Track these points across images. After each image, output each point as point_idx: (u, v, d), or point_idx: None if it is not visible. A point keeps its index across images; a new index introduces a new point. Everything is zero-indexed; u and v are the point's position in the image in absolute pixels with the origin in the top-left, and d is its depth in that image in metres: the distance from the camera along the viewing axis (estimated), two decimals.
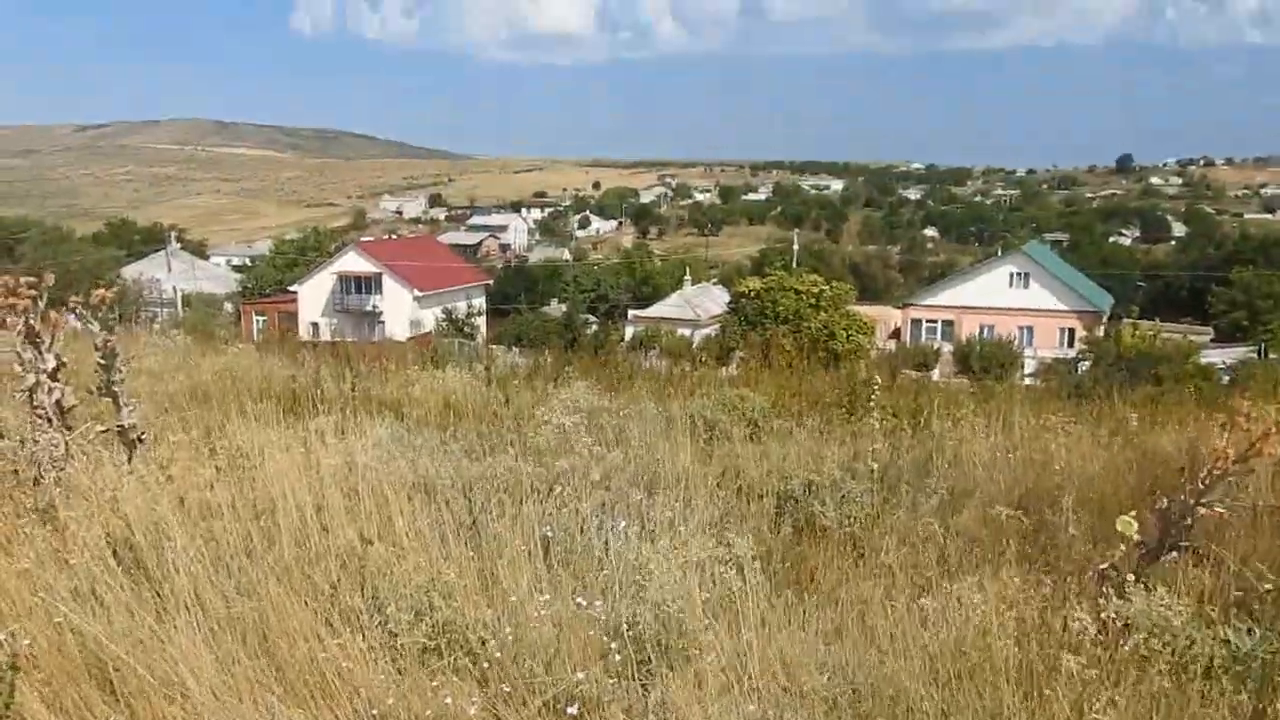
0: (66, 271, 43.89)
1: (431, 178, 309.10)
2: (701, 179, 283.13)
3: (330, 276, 67.66)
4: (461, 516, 5.06)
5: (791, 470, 6.08)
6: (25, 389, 5.31)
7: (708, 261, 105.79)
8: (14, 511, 4.53)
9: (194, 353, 12.39)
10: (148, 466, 5.38)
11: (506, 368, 10.72)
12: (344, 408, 8.00)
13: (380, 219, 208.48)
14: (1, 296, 5.19)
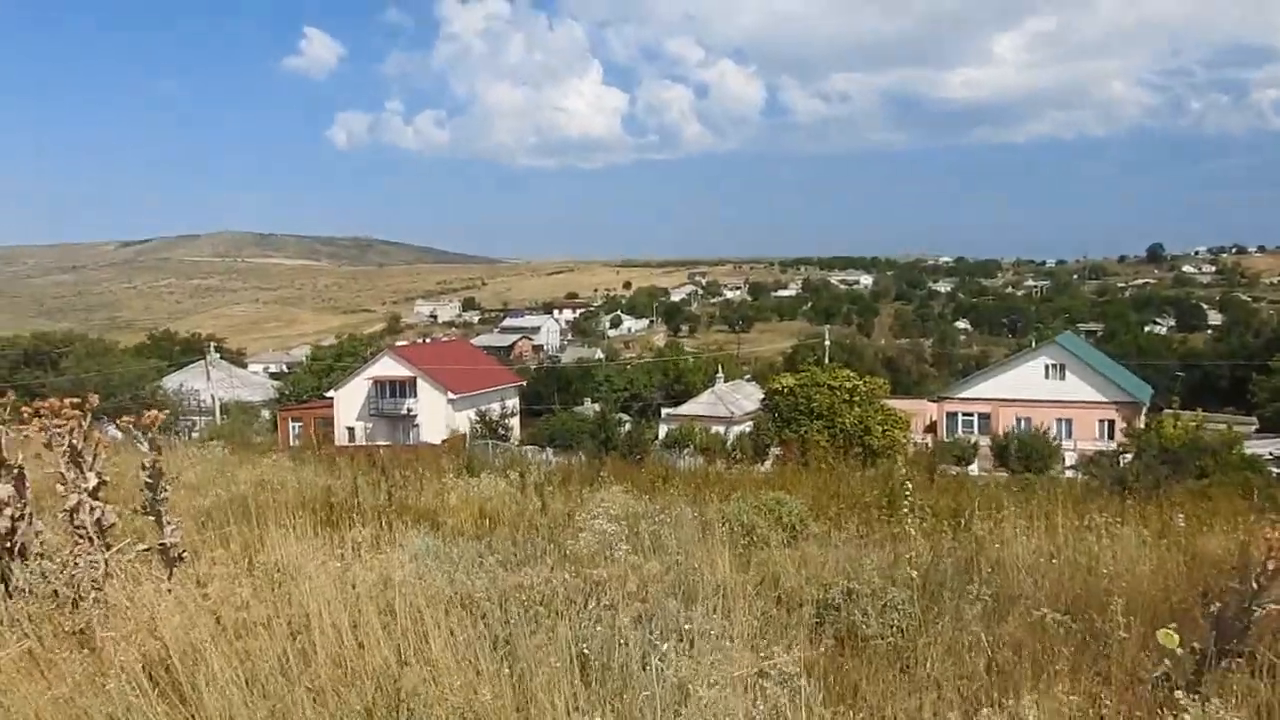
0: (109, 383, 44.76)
1: (464, 282, 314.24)
2: (731, 276, 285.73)
3: (365, 381, 68.43)
4: (498, 631, 5.00)
5: (831, 577, 5.98)
6: (67, 509, 5.36)
7: (739, 358, 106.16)
8: (53, 634, 4.54)
9: (231, 464, 12.50)
10: (186, 585, 5.39)
11: (540, 472, 10.70)
12: (380, 518, 8.01)
13: (414, 323, 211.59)
14: (47, 418, 5.29)
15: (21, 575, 5.40)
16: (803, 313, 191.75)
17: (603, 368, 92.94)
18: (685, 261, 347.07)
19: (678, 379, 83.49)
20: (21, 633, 4.53)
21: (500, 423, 63.79)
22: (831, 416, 45.87)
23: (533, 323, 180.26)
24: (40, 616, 4.73)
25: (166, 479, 5.69)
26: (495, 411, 65.81)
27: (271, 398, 77.45)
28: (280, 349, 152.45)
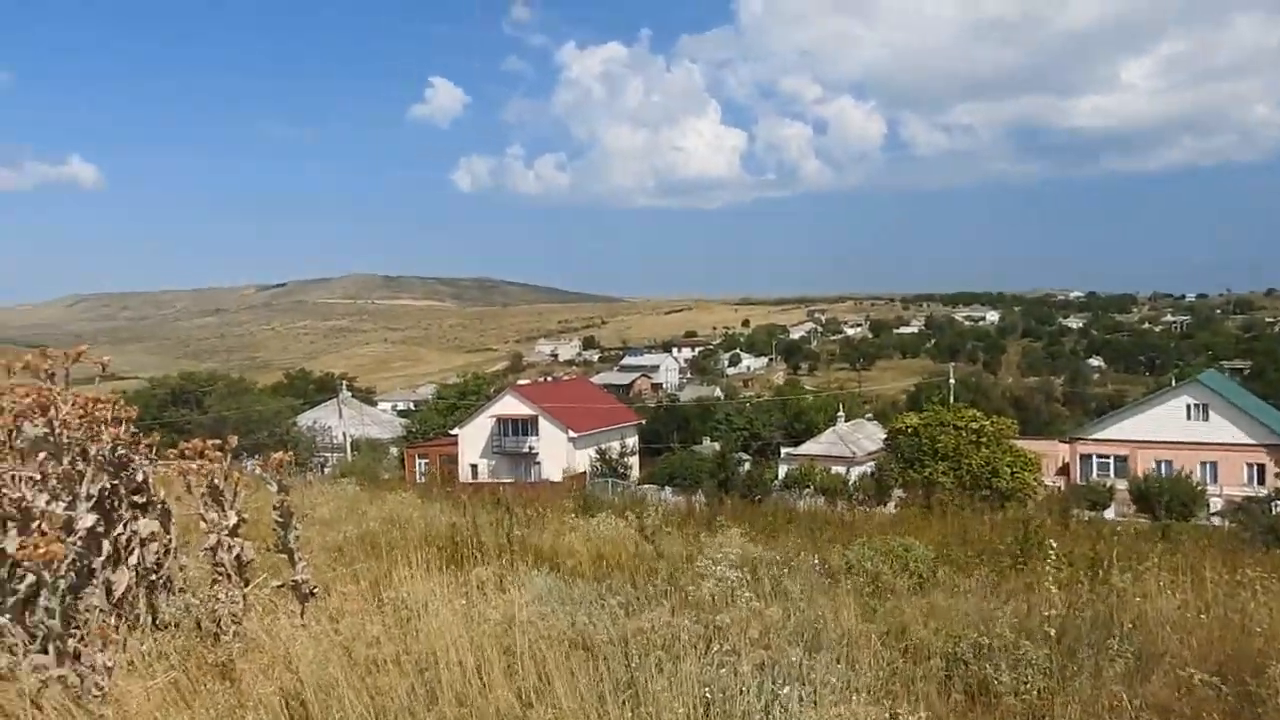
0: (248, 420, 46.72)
1: (584, 321, 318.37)
2: (851, 313, 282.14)
3: (488, 419, 69.72)
4: (620, 675, 5.00)
5: (960, 629, 5.79)
6: (208, 546, 5.60)
7: (861, 397, 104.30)
8: (197, 665, 4.73)
9: (362, 500, 12.87)
10: (319, 620, 5.55)
11: (659, 514, 10.69)
12: (501, 557, 8.13)
13: (536, 362, 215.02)
14: (191, 458, 5.55)
15: (167, 608, 5.65)
16: (926, 350, 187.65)
17: (721, 406, 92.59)
18: (804, 299, 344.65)
19: (797, 417, 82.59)
20: (169, 664, 4.73)
21: (620, 461, 64.13)
22: (957, 458, 44.60)
23: (651, 361, 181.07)
24: (185, 649, 4.93)
25: (297, 518, 5.88)
26: (615, 450, 66.20)
27: (399, 435, 79.62)
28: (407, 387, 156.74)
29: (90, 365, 5.50)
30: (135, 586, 5.62)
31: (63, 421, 5.05)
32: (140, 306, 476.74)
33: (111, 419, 5.35)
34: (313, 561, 6.24)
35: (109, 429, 5.32)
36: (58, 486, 5.17)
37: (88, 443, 5.19)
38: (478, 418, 70.50)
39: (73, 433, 5.09)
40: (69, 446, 5.10)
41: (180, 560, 6.27)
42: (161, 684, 4.46)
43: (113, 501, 5.54)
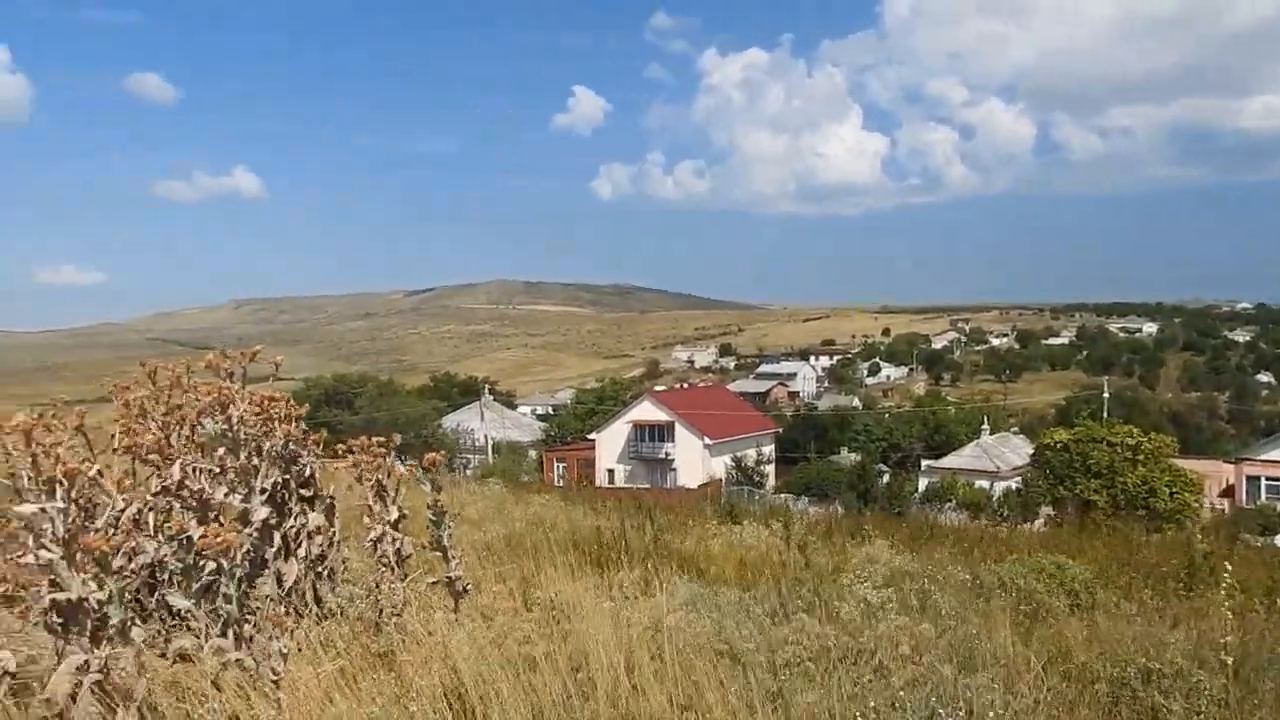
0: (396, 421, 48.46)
1: (721, 328, 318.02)
2: (997, 323, 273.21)
3: (626, 425, 70.35)
4: (769, 685, 4.97)
5: (1127, 654, 5.53)
6: (372, 539, 5.82)
7: (1006, 409, 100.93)
8: (360, 655, 4.92)
9: (508, 501, 13.18)
10: (472, 616, 5.71)
11: (802, 523, 10.58)
12: (646, 561, 8.18)
13: (672, 368, 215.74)
14: (358, 454, 5.78)
15: (333, 598, 5.90)
16: (1077, 362, 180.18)
17: (860, 416, 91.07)
18: (947, 307, 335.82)
19: (939, 430, 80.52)
20: (335, 652, 4.94)
21: (756, 469, 63.79)
22: (1111, 476, 42.56)
23: (788, 369, 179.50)
24: (349, 638, 5.14)
25: (450, 516, 6.06)
26: (751, 458, 65.88)
27: (538, 438, 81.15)
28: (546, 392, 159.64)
29: (265, 365, 5.79)
30: (303, 577, 5.89)
31: (240, 418, 5.34)
32: (297, 310, 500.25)
33: (284, 416, 5.63)
34: (466, 564, 6.40)
35: (281, 426, 5.60)
36: (235, 480, 5.47)
37: (262, 439, 5.47)
38: (615, 423, 71.25)
39: (249, 429, 5.38)
40: (246, 442, 5.39)
41: (343, 553, 6.54)
42: (329, 671, 4.66)
43: (284, 495, 5.82)
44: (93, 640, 4.30)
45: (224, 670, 4.39)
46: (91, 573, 4.29)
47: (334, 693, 4.52)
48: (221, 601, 4.78)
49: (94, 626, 4.34)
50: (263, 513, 5.47)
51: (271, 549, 5.63)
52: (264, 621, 4.67)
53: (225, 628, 4.77)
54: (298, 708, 4.16)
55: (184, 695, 4.55)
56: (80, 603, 4.32)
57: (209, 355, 5.54)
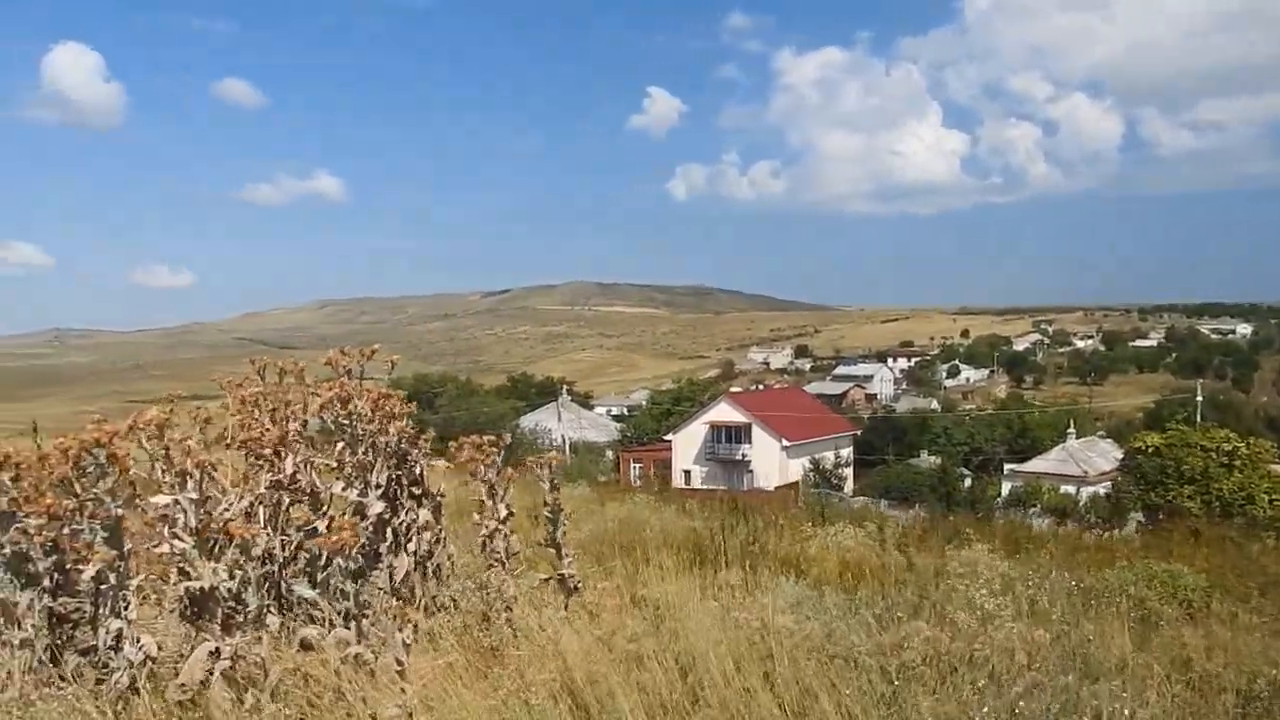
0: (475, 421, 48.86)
1: (796, 329, 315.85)
2: (1081, 324, 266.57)
3: (702, 426, 70.18)
4: (881, 689, 4.90)
5: (1254, 664, 5.34)
6: (482, 536, 5.89)
7: (1092, 413, 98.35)
8: (473, 648, 4.99)
9: (593, 501, 13.25)
10: (580, 614, 5.74)
11: (898, 526, 10.44)
12: (743, 562, 8.14)
13: (748, 370, 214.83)
14: (471, 453, 5.86)
15: (446, 593, 5.98)
16: (1166, 365, 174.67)
17: (940, 419, 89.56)
18: (1029, 309, 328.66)
19: (1022, 433, 78.82)
20: (448, 645, 5.01)
21: (834, 472, 63.16)
22: (1206, 482, 41.18)
23: (866, 371, 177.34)
24: (460, 632, 5.20)
25: (565, 515, 6.10)
26: (829, 460, 65.25)
27: (614, 439, 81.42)
28: (621, 393, 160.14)
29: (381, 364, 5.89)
30: (412, 572, 5.98)
31: (358, 414, 5.45)
32: (378, 311, 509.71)
33: (397, 414, 5.73)
34: (577, 559, 6.45)
35: (395, 423, 5.70)
36: (351, 474, 5.58)
37: (378, 435, 5.57)
38: (691, 424, 71.11)
39: (366, 425, 5.48)
40: (363, 438, 5.49)
41: (449, 549, 6.63)
42: (442, 664, 4.73)
43: (396, 491, 5.92)
44: (223, 628, 4.43)
45: (346, 661, 4.47)
46: (223, 562, 4.42)
47: (450, 685, 4.59)
48: (338, 595, 4.88)
49: (225, 615, 4.48)
50: (378, 507, 5.57)
51: (385, 543, 5.73)
52: (383, 613, 4.75)
53: (347, 619, 4.87)
54: (419, 698, 4.22)
55: (306, 682, 4.65)
56: (212, 591, 4.45)
57: (330, 352, 5.67)
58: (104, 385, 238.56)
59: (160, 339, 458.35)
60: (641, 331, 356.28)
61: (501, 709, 4.20)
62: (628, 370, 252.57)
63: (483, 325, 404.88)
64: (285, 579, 5.16)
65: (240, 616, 4.54)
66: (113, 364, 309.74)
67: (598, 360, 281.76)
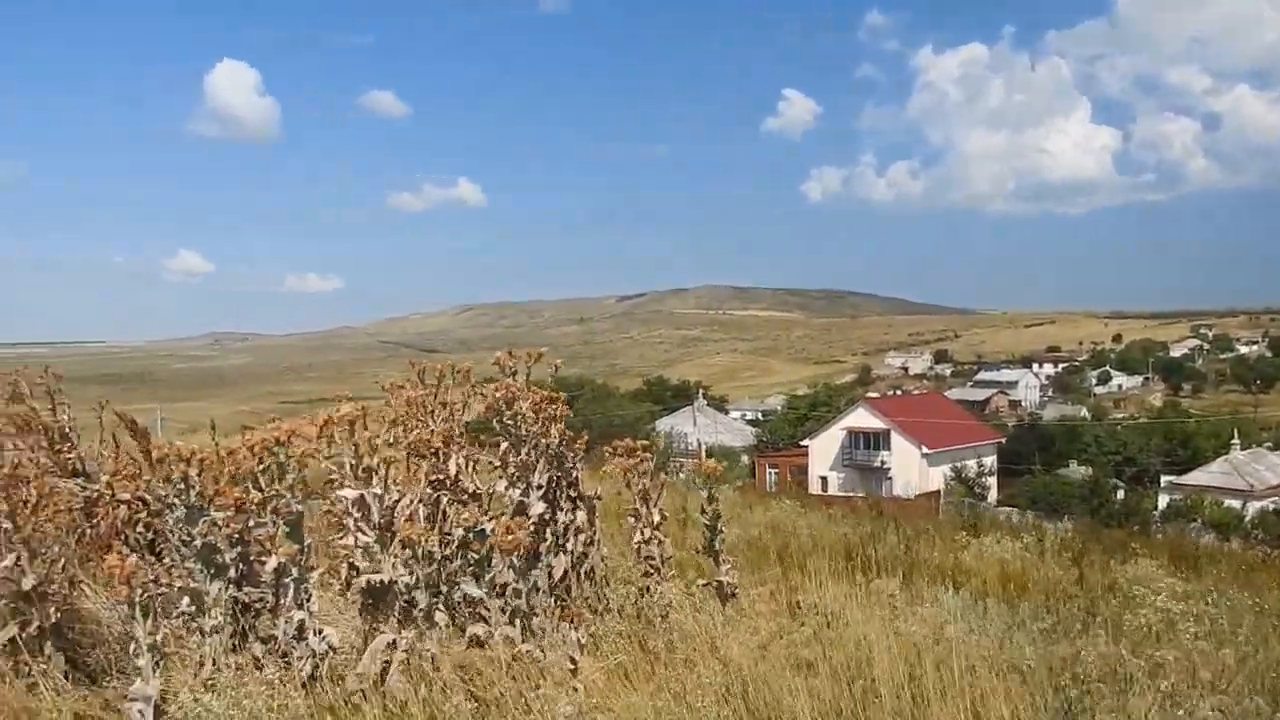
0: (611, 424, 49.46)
1: (936, 333, 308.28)
2: (1245, 329, 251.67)
3: (839, 432, 69.22)
4: (1054, 704, 4.73)
5: None
6: (637, 541, 5.94)
7: (1258, 423, 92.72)
8: (639, 650, 5.03)
9: (739, 505, 13.18)
10: (738, 618, 5.72)
11: (1057, 537, 10.06)
12: (897, 571, 7.98)
13: (885, 375, 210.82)
14: (623, 457, 5.91)
15: (596, 596, 6.05)
16: None
17: (1090, 427, 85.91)
18: (1186, 312, 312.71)
19: (1182, 444, 74.87)
20: (611, 647, 5.07)
21: (977, 480, 61.35)
22: None
23: (1009, 377, 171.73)
24: (627, 634, 5.25)
25: (723, 522, 6.10)
26: (971, 469, 63.41)
27: (749, 443, 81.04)
28: (756, 397, 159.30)
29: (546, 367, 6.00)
30: (570, 573, 6.07)
31: (522, 415, 5.56)
32: (515, 316, 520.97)
33: (557, 416, 5.82)
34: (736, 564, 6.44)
35: (556, 425, 5.80)
36: (514, 474, 5.71)
37: (540, 437, 5.68)
38: (828, 429, 70.23)
39: (529, 426, 5.60)
40: (526, 439, 5.61)
41: (602, 552, 6.70)
42: (609, 665, 4.78)
43: (554, 493, 6.02)
44: (401, 621, 4.59)
45: (516, 659, 4.57)
46: (401, 557, 4.58)
47: (615, 685, 4.64)
48: (511, 594, 5.00)
49: (401, 609, 4.63)
50: (539, 508, 5.68)
51: (545, 544, 5.84)
52: (552, 613, 4.85)
53: (513, 617, 4.98)
54: (587, 696, 4.28)
55: (473, 678, 4.77)
56: (390, 585, 4.62)
57: (498, 354, 5.81)
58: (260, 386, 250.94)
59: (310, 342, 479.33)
60: (776, 335, 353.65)
61: (670, 710, 4.22)
62: (762, 374, 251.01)
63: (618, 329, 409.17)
64: (452, 577, 5.30)
65: (414, 611, 4.68)
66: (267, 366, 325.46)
67: (732, 364, 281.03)
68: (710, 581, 5.93)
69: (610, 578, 6.61)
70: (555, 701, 4.08)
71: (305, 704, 4.29)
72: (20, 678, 4.58)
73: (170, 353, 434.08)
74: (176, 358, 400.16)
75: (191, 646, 4.96)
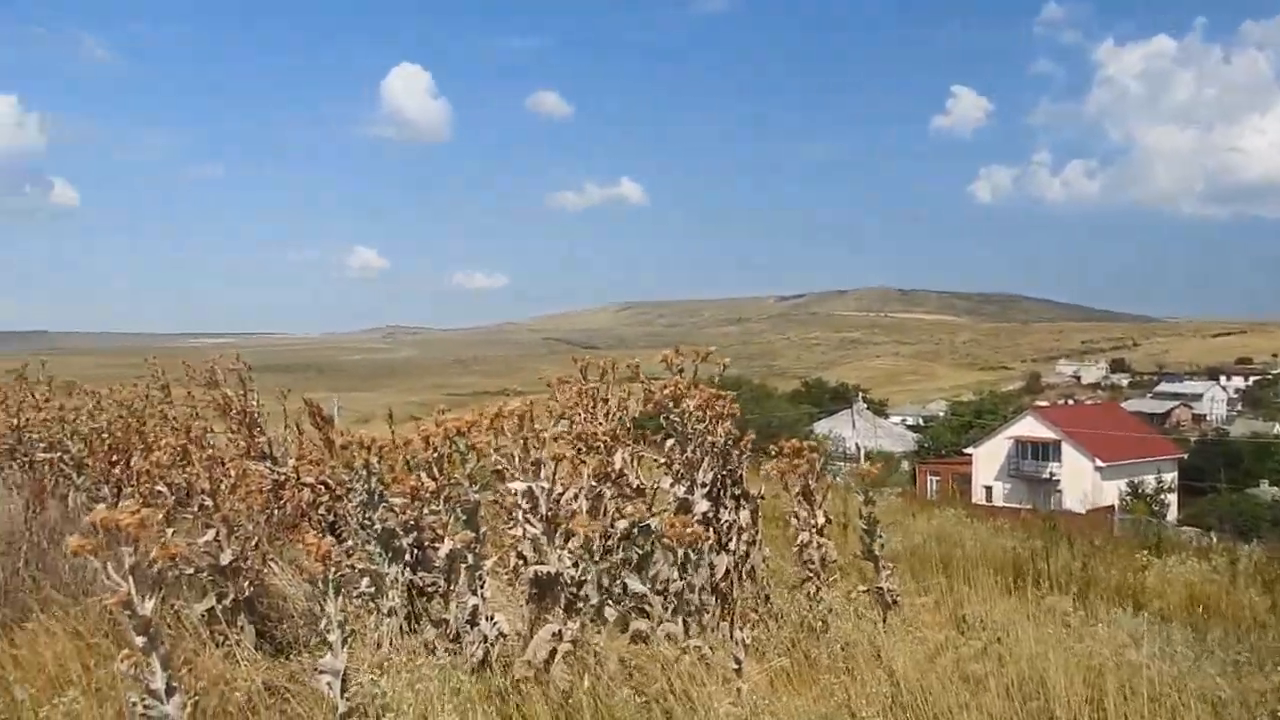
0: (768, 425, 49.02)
1: (1113, 341, 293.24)
2: None
3: (1006, 441, 66.79)
4: None
5: None
6: (799, 544, 5.87)
7: None
8: (803, 655, 4.97)
9: (901, 512, 12.88)
10: (900, 628, 5.58)
11: (1251, 561, 9.41)
12: (1069, 588, 7.63)
13: (1055, 383, 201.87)
14: (788, 458, 5.85)
15: (757, 597, 6.01)
16: None
17: None
18: None
19: None
20: (773, 650, 5.02)
21: (1155, 497, 58.06)
22: None
23: (1193, 389, 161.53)
24: (789, 639, 5.20)
25: (882, 527, 5.97)
26: (1149, 484, 60.06)
27: (910, 449, 79.10)
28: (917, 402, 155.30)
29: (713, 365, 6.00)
30: (731, 572, 6.05)
31: (689, 413, 5.58)
32: (674, 314, 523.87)
33: (724, 414, 5.81)
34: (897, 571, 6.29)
35: (722, 424, 5.79)
36: (679, 471, 5.73)
37: (706, 434, 5.68)
38: (994, 438, 67.87)
39: (696, 424, 5.61)
40: (692, 436, 5.62)
41: (764, 553, 6.65)
42: (774, 668, 4.74)
43: (718, 491, 6.01)
44: (567, 612, 4.68)
45: (682, 656, 4.58)
46: (568, 550, 4.67)
47: (778, 689, 4.60)
48: (678, 590, 5.03)
49: (568, 599, 4.72)
50: (703, 506, 5.68)
51: (707, 542, 5.84)
52: (715, 612, 4.85)
53: (676, 614, 5.01)
54: (753, 700, 4.25)
55: (633, 672, 4.81)
56: (556, 576, 4.71)
57: (665, 351, 5.85)
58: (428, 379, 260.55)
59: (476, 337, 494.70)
60: (940, 339, 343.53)
61: (834, 717, 4.16)
62: (925, 379, 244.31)
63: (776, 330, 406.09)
64: (615, 571, 5.36)
65: (580, 604, 4.76)
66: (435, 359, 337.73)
67: (893, 368, 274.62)
68: (871, 588, 5.80)
69: (771, 579, 6.57)
70: (719, 700, 4.07)
71: (475, 689, 4.41)
72: (217, 647, 4.89)
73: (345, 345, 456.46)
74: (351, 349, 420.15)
75: (369, 626, 5.19)
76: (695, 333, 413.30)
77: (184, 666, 4.42)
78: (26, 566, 6.13)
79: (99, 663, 4.61)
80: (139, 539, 3.30)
